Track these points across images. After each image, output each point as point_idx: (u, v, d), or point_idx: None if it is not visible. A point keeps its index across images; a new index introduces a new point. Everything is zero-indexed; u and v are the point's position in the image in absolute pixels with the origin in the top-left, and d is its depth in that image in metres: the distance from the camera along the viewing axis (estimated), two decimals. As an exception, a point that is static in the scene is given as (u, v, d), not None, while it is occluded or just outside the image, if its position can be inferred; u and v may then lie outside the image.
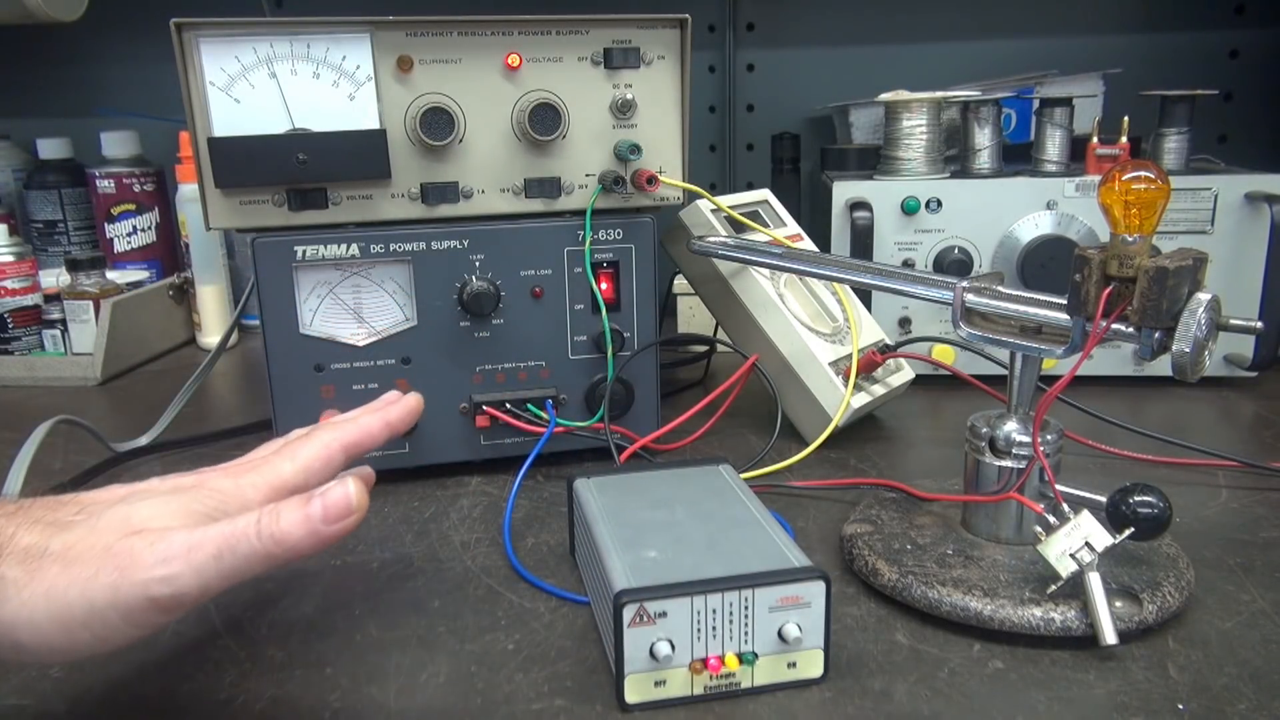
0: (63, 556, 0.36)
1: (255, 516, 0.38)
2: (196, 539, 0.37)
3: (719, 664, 0.43)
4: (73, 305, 1.01)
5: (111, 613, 0.36)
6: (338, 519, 0.39)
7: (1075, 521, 0.47)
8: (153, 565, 0.36)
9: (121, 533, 0.37)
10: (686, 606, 0.43)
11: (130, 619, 0.36)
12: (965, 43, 1.19)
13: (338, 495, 0.39)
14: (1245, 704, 0.43)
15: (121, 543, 0.37)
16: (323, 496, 0.39)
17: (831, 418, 0.72)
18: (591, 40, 0.66)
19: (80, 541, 0.37)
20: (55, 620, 0.35)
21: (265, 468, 0.45)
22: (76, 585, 0.35)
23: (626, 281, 0.70)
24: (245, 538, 0.37)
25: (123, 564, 0.36)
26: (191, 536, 0.37)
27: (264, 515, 0.38)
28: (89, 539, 0.37)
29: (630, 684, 0.43)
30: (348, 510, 0.39)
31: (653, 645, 0.42)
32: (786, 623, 0.44)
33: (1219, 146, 1.16)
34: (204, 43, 0.60)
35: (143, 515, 0.39)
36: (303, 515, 0.38)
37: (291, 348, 0.65)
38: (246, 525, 0.38)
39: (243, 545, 0.37)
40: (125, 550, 0.36)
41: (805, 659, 0.45)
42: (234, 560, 0.37)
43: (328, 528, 0.39)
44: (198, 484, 0.43)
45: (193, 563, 0.36)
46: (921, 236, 0.88)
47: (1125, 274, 0.46)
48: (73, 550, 0.36)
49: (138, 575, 0.36)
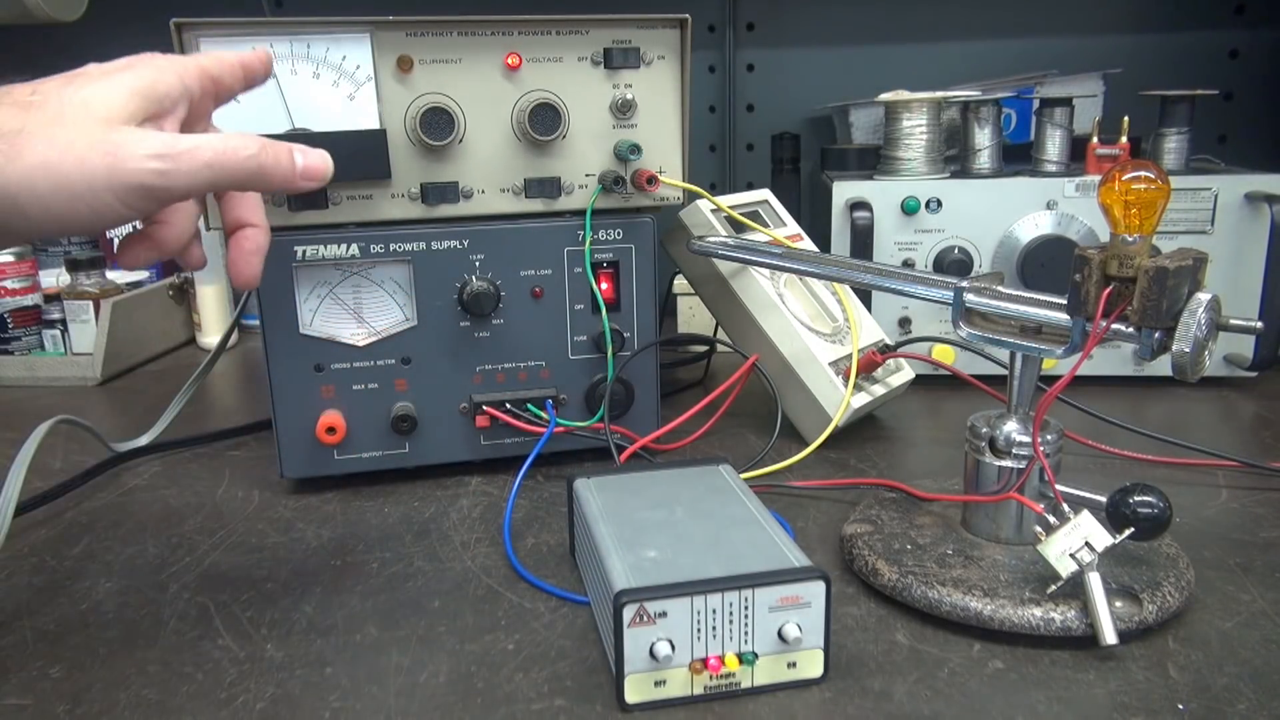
0: (45, 137, 0.39)
1: (257, 144, 0.43)
2: (196, 143, 0.41)
3: (719, 664, 0.43)
4: (73, 305, 1.01)
5: (107, 193, 0.40)
6: (314, 178, 0.46)
7: (1075, 521, 0.47)
8: (146, 158, 0.40)
9: (96, 121, 0.40)
10: (686, 606, 0.43)
11: (124, 200, 0.40)
12: (965, 43, 1.19)
13: (318, 158, 0.46)
14: (1245, 704, 0.43)
15: (108, 133, 0.40)
16: (305, 155, 0.45)
17: (831, 418, 0.72)
18: (591, 40, 0.66)
19: (55, 125, 0.40)
20: (57, 193, 0.39)
21: (181, 57, 0.46)
22: (70, 162, 0.39)
23: (626, 281, 0.70)
24: (238, 158, 0.42)
25: (113, 152, 0.40)
26: (189, 140, 0.41)
27: (266, 147, 0.43)
28: (64, 125, 0.40)
29: (630, 684, 0.43)
30: (323, 175, 0.46)
31: (653, 645, 0.42)
32: (786, 623, 0.44)
33: (1219, 146, 1.16)
34: (204, 43, 0.60)
35: (101, 99, 0.41)
36: (290, 161, 0.45)
37: (291, 348, 0.65)
38: (243, 147, 0.43)
39: (232, 163, 0.42)
40: (116, 142, 0.40)
41: (805, 659, 0.45)
42: (221, 173, 0.42)
43: (303, 182, 0.46)
44: (130, 63, 0.44)
45: (185, 163, 0.41)
46: (921, 236, 0.88)
47: (1125, 274, 0.46)
48: (52, 132, 0.39)
49: (131, 164, 0.40)
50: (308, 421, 0.66)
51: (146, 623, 0.51)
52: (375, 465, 0.68)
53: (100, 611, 0.53)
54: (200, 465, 0.75)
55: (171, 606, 0.53)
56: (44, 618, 0.52)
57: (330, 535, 0.62)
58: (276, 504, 0.66)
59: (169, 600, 0.54)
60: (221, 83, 0.48)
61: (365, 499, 0.67)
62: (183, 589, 0.55)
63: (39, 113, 0.40)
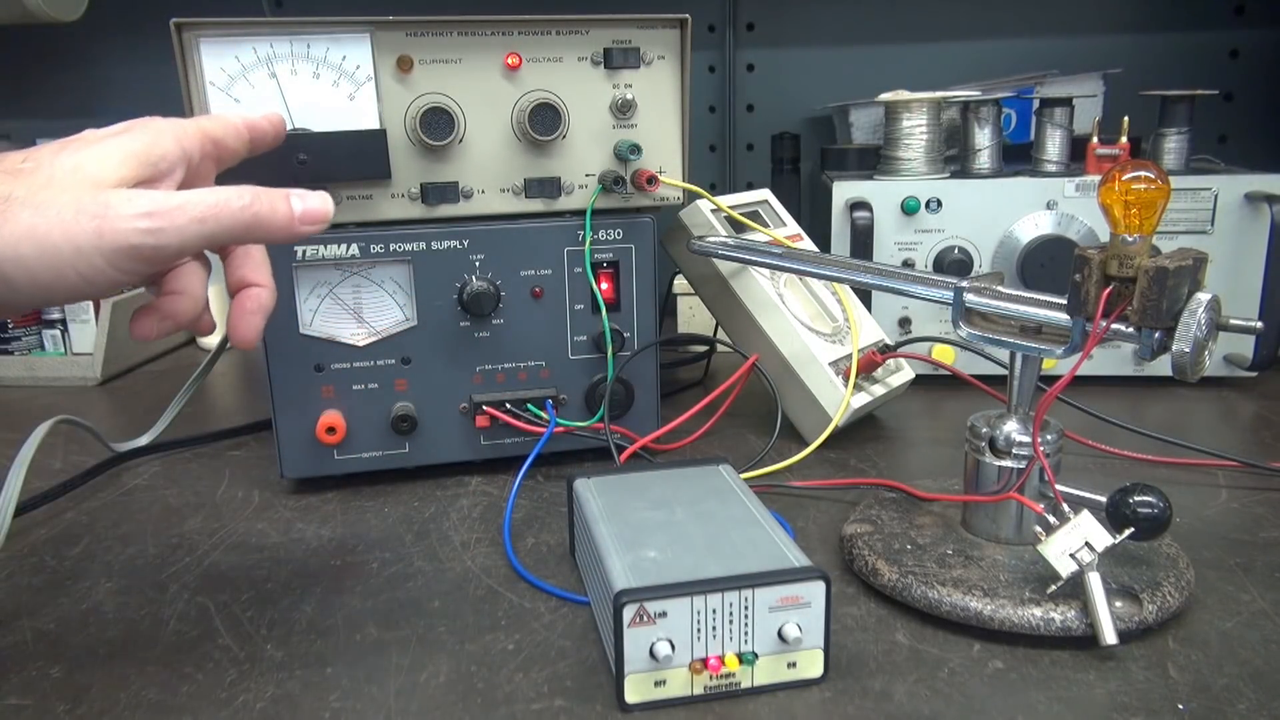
0: (31, 203, 0.38)
1: (250, 194, 0.42)
2: (185, 199, 0.40)
3: (719, 664, 0.43)
4: (73, 305, 1.01)
5: (96, 257, 0.38)
6: (314, 221, 0.44)
7: (1075, 521, 0.47)
8: (134, 218, 0.39)
9: (85, 185, 0.40)
10: (686, 606, 0.43)
11: (114, 264, 0.39)
12: (965, 43, 1.19)
13: (317, 201, 0.44)
14: (1245, 704, 0.43)
15: (96, 196, 0.39)
16: (303, 199, 0.44)
17: (831, 418, 0.72)
18: (591, 40, 0.66)
19: (44, 190, 0.39)
20: (43, 260, 0.38)
21: (181, 120, 0.45)
22: (58, 229, 0.38)
23: (626, 281, 0.70)
24: (230, 210, 0.41)
25: (101, 214, 0.38)
26: (179, 197, 0.40)
27: (260, 197, 0.42)
28: (53, 189, 0.39)
29: (630, 684, 0.43)
30: (324, 218, 0.44)
31: (653, 645, 0.42)
32: (786, 623, 0.44)
33: (1219, 146, 1.16)
34: (204, 43, 0.60)
35: (93, 163, 0.41)
36: (287, 208, 0.43)
37: (291, 348, 0.65)
38: (235, 198, 0.41)
39: (225, 215, 0.41)
40: (103, 203, 0.39)
41: (805, 659, 0.45)
42: (215, 228, 0.41)
43: (303, 227, 0.44)
44: (128, 126, 0.44)
45: (176, 221, 0.39)
46: (921, 236, 0.88)
47: (1125, 274, 0.46)
48: (39, 198, 0.38)
49: (119, 225, 0.38)
50: (308, 421, 0.66)
51: (146, 623, 0.51)
52: (375, 465, 0.68)
53: (100, 611, 0.53)
54: (200, 465, 0.75)
55: (171, 606, 0.53)
56: (44, 618, 0.52)
57: (330, 535, 0.62)
58: (276, 504, 0.66)
59: (169, 600, 0.54)
60: (224, 145, 0.47)
61: (365, 499, 0.67)
62: (183, 589, 0.55)
63: (29, 179, 0.39)
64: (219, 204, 0.41)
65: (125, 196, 0.39)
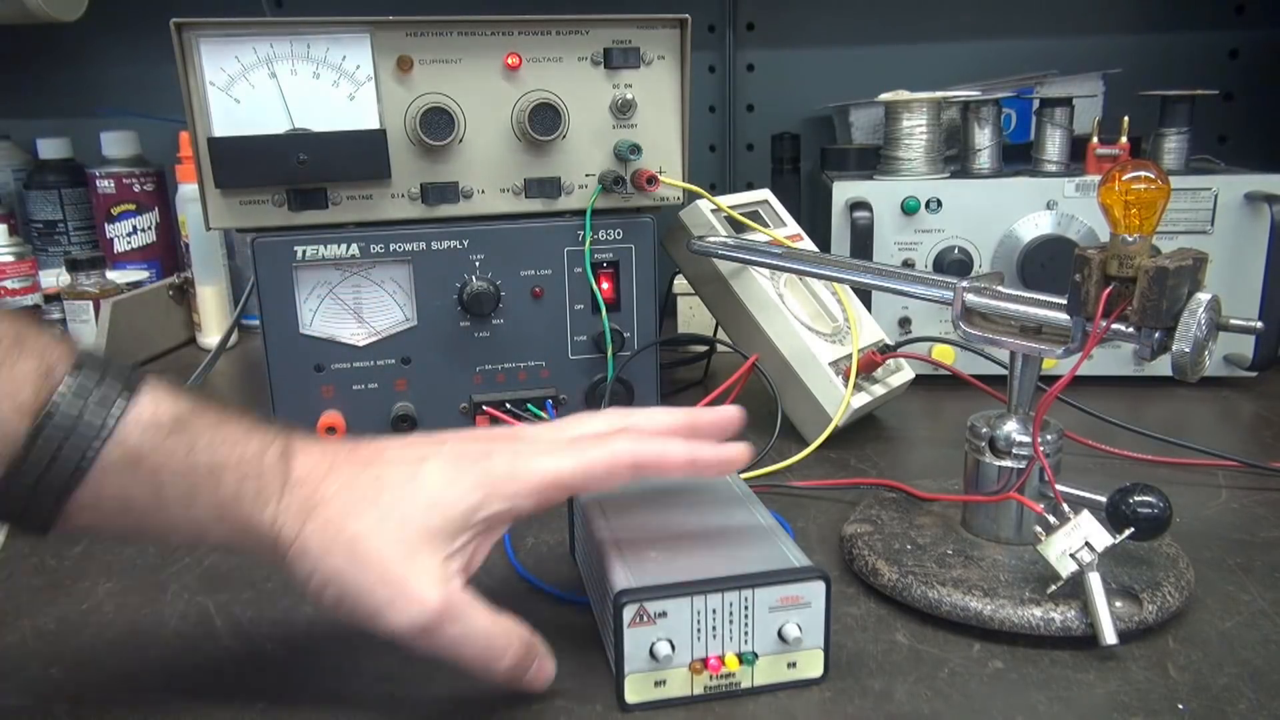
0: (350, 550, 0.40)
1: (510, 657, 0.42)
2: (467, 630, 0.41)
3: (719, 664, 0.43)
4: (73, 305, 1.01)
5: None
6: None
7: (1075, 521, 0.47)
8: (415, 616, 0.40)
9: (414, 528, 0.41)
10: (686, 606, 0.43)
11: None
12: (965, 43, 1.19)
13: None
14: (1245, 704, 0.43)
15: (409, 563, 0.40)
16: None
17: (831, 418, 0.72)
18: (591, 40, 0.66)
19: (373, 534, 0.40)
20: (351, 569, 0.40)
21: (547, 459, 0.44)
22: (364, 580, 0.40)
23: (626, 281, 0.70)
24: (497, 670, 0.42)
25: (400, 585, 0.40)
26: (467, 621, 0.41)
27: (514, 664, 0.42)
28: (381, 534, 0.41)
29: (630, 684, 0.43)
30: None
31: (653, 645, 0.42)
32: (787, 623, 0.44)
33: (1219, 146, 1.15)
34: (204, 43, 0.60)
35: (434, 489, 0.42)
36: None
37: (291, 348, 0.65)
38: (499, 656, 0.42)
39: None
40: (404, 577, 0.40)
41: (805, 659, 0.45)
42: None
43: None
44: (484, 454, 0.44)
45: (437, 644, 0.41)
46: (921, 236, 0.88)
47: (1125, 274, 0.46)
48: (361, 544, 0.40)
49: (400, 616, 0.40)
50: (308, 421, 0.66)
51: (146, 623, 0.51)
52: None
53: (100, 611, 0.53)
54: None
55: (171, 606, 0.53)
56: (44, 618, 0.52)
57: (330, 535, 0.61)
58: (276, 504, 0.66)
59: (169, 600, 0.54)
60: (647, 471, 0.45)
61: (365, 499, 0.67)
62: (183, 589, 0.55)
63: (363, 519, 0.41)
64: (490, 650, 0.42)
65: (426, 585, 0.40)
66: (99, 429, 0.37)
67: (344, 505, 0.41)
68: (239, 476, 0.40)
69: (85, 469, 0.37)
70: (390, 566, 0.40)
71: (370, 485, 0.42)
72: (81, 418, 0.37)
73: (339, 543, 0.40)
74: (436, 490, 0.42)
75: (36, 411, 0.37)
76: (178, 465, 0.39)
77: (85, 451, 0.37)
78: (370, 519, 0.41)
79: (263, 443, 0.41)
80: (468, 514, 0.42)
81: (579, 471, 0.43)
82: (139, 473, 0.38)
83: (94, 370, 0.38)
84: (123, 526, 0.40)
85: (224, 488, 0.40)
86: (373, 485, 0.42)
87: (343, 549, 0.40)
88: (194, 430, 0.40)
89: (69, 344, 0.39)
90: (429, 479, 0.42)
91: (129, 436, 0.38)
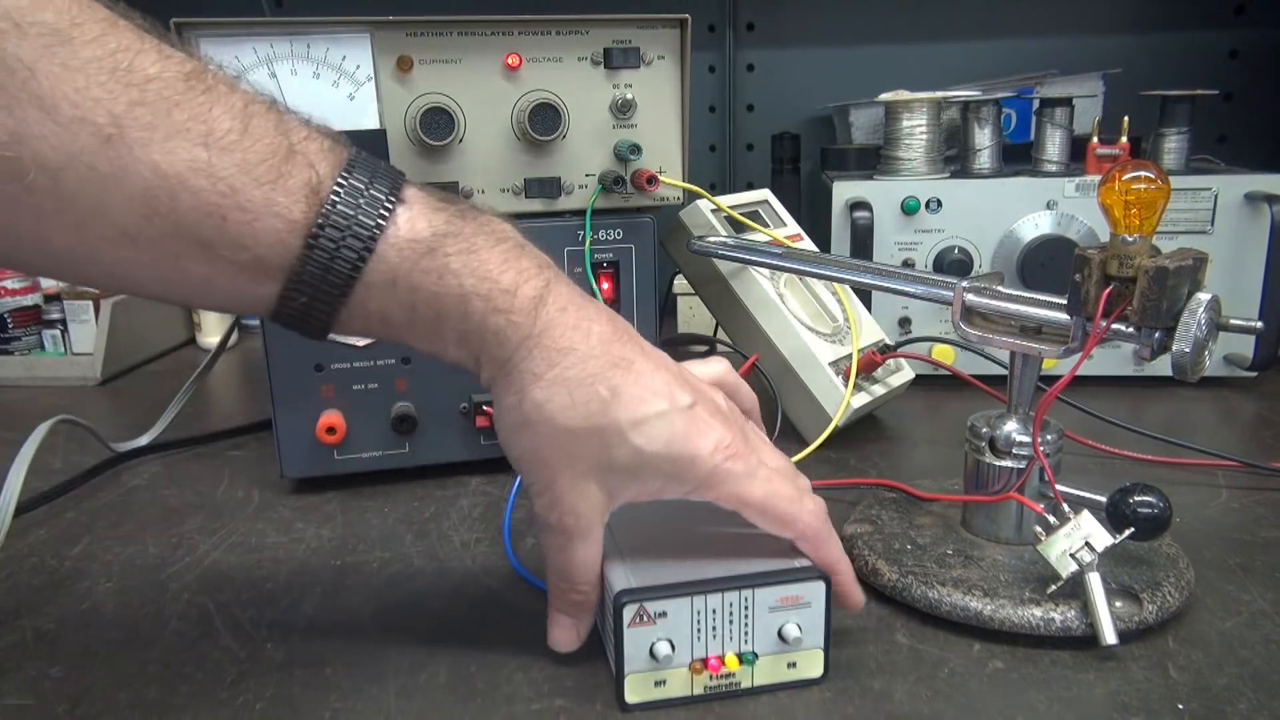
0: (546, 441, 0.42)
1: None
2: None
3: (719, 664, 0.43)
4: (73, 305, 1.01)
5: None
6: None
7: (1075, 522, 0.47)
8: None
9: (607, 459, 0.42)
10: (687, 607, 0.43)
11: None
12: (965, 43, 1.19)
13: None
14: (1245, 704, 0.43)
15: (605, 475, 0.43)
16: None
17: (831, 418, 0.72)
18: (591, 40, 0.66)
19: (572, 442, 0.42)
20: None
21: (755, 486, 0.45)
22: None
23: (626, 281, 0.70)
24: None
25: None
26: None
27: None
28: (576, 446, 0.42)
29: (630, 684, 0.43)
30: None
31: (653, 645, 0.42)
32: (786, 623, 0.44)
33: (1219, 146, 1.16)
34: (204, 43, 0.60)
35: (651, 441, 0.42)
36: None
37: (291, 348, 0.65)
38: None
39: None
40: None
41: (805, 659, 0.45)
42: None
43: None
44: (713, 441, 0.44)
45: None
46: (921, 236, 0.88)
47: (1125, 274, 0.46)
48: (556, 445, 0.42)
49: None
50: (308, 421, 0.66)
51: (146, 623, 0.51)
52: (375, 465, 0.68)
53: (100, 611, 0.53)
54: (200, 465, 0.75)
55: (171, 606, 0.53)
56: (44, 618, 0.52)
57: (330, 535, 0.62)
58: (276, 504, 0.66)
59: (169, 600, 0.54)
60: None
61: (365, 499, 0.67)
62: (183, 589, 0.55)
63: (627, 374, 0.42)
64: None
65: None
66: (362, 245, 0.38)
67: (569, 398, 0.41)
68: (487, 308, 0.40)
69: (351, 284, 0.39)
70: (565, 478, 0.42)
71: (602, 393, 0.41)
72: (348, 233, 0.38)
73: (545, 429, 0.41)
74: (651, 444, 0.42)
75: (308, 226, 0.38)
76: (431, 285, 0.40)
77: (353, 265, 0.38)
78: (580, 429, 0.41)
79: (518, 275, 0.41)
80: (658, 480, 0.43)
81: (762, 507, 0.44)
82: (396, 292, 0.40)
83: (363, 174, 0.39)
84: (380, 335, 0.42)
85: (472, 317, 0.40)
86: (603, 394, 0.41)
87: (545, 438, 0.41)
88: (448, 250, 0.40)
89: (338, 145, 0.40)
90: (654, 428, 0.42)
91: (387, 254, 0.39)
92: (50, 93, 0.33)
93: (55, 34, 0.33)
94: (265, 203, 0.37)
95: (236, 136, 0.36)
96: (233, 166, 0.36)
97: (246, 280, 0.38)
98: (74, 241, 0.36)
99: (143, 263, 0.37)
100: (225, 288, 0.38)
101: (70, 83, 0.34)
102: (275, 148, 0.37)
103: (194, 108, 0.36)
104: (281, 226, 0.37)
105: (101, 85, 0.34)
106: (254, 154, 0.37)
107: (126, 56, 0.35)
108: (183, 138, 0.35)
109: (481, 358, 0.42)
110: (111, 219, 0.35)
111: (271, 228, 0.37)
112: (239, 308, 0.41)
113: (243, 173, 0.36)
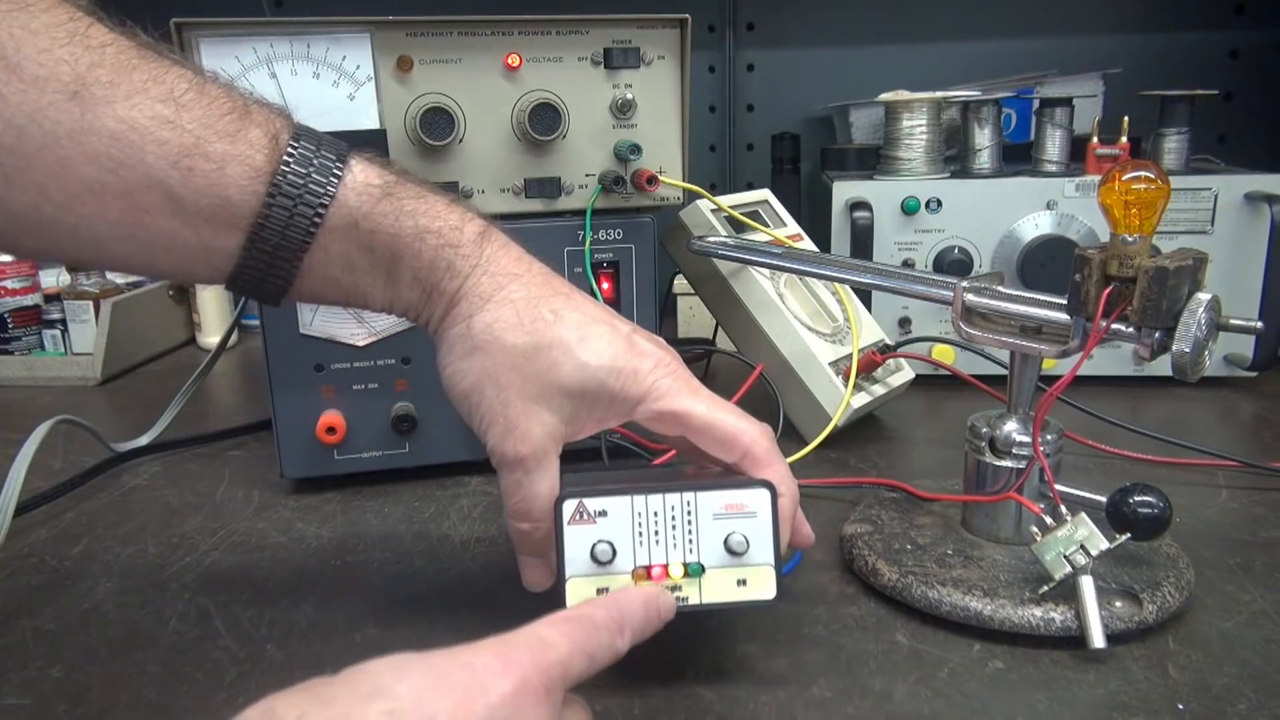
0: (501, 361, 0.43)
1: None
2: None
3: (663, 573, 0.42)
4: (73, 305, 1.01)
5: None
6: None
7: (1072, 524, 0.47)
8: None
9: (557, 376, 0.43)
10: (627, 506, 0.42)
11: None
12: (965, 43, 1.19)
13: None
14: (1245, 704, 0.43)
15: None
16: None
17: (831, 418, 0.72)
18: (591, 40, 0.66)
19: (524, 361, 0.43)
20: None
21: (693, 401, 0.45)
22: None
23: (626, 281, 0.70)
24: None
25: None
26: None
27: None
28: (529, 366, 0.43)
29: (572, 588, 0.42)
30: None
31: (594, 546, 0.42)
32: (733, 532, 0.42)
33: (1219, 146, 1.15)
34: (204, 43, 0.60)
35: (595, 357, 0.44)
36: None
37: (291, 348, 0.65)
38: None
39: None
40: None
41: (756, 576, 0.43)
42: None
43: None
44: (652, 361, 0.45)
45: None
46: (921, 236, 0.88)
47: (1125, 274, 0.46)
48: (509, 365, 0.43)
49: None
50: (308, 421, 0.66)
51: (146, 623, 0.51)
52: (375, 465, 0.68)
53: (100, 611, 0.53)
54: (200, 465, 0.75)
55: (171, 606, 0.53)
56: (44, 618, 0.52)
57: (330, 535, 0.62)
58: (276, 504, 0.66)
59: (169, 600, 0.54)
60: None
61: (365, 499, 0.67)
62: (183, 589, 0.55)
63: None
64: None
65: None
66: (323, 190, 0.40)
67: (515, 317, 0.43)
68: (439, 243, 0.43)
69: (315, 229, 0.40)
70: (516, 400, 0.43)
71: (545, 315, 0.43)
72: (309, 180, 0.40)
73: (494, 350, 0.43)
74: (597, 357, 0.43)
75: (270, 174, 0.39)
76: (389, 227, 0.42)
77: (315, 209, 0.40)
78: (527, 346, 0.43)
79: (462, 216, 0.44)
80: (604, 400, 0.44)
81: (706, 421, 0.45)
82: (357, 234, 0.41)
83: (311, 139, 0.41)
84: (338, 292, 0.43)
85: (425, 253, 0.42)
86: (547, 316, 0.43)
87: (494, 359, 0.43)
88: (400, 196, 0.42)
89: (286, 114, 0.42)
90: (598, 344, 0.44)
91: (347, 198, 0.41)
92: (14, 53, 0.35)
93: (11, 0, 0.36)
94: (229, 152, 0.39)
95: (195, 96, 0.38)
96: (195, 121, 0.38)
97: (211, 232, 0.40)
98: (37, 199, 0.37)
99: (108, 220, 0.38)
100: (190, 241, 0.40)
101: (32, 43, 0.35)
102: (232, 106, 0.39)
103: (152, 70, 0.38)
104: (246, 173, 0.39)
105: (63, 46, 0.36)
106: (213, 111, 0.39)
107: (80, 25, 0.37)
108: (144, 95, 0.37)
109: (433, 294, 0.43)
110: (76, 173, 0.37)
111: (236, 175, 0.39)
112: (199, 268, 0.41)
113: (204, 127, 0.38)
